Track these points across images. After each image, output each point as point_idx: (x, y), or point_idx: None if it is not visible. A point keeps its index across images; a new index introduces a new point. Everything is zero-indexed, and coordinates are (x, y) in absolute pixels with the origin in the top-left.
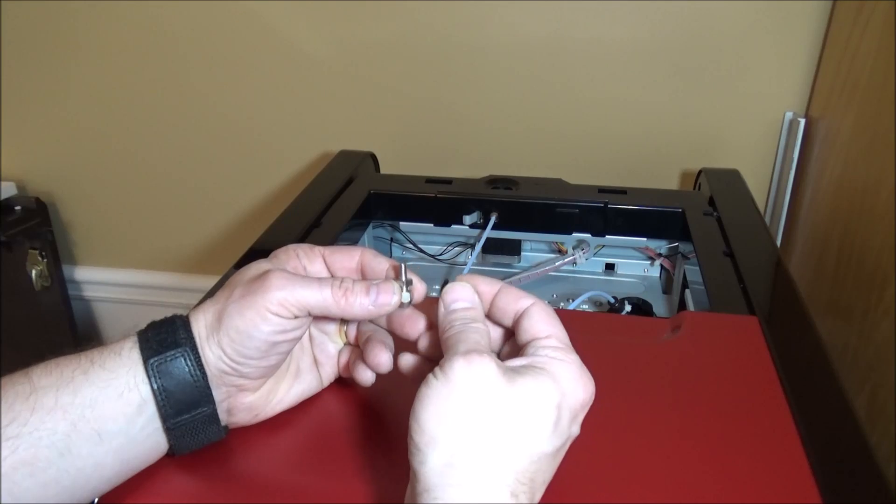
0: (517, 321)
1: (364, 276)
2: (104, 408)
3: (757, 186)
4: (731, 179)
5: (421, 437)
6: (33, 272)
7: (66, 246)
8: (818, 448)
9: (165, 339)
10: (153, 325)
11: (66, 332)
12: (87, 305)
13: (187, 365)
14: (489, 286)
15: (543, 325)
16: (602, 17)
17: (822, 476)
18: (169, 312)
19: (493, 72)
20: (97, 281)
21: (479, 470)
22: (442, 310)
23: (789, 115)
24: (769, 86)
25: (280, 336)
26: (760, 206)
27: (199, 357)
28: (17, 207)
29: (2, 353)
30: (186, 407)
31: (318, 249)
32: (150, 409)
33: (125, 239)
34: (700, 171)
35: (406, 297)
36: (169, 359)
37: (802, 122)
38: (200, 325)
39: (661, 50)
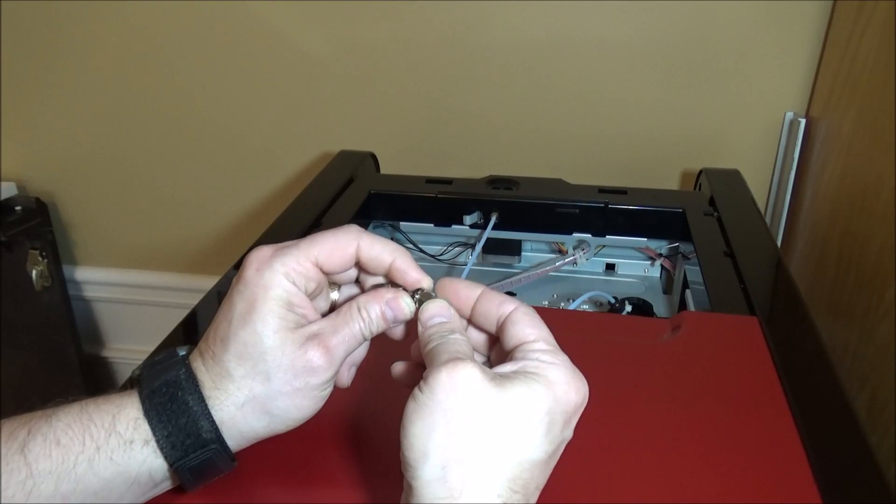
0: (501, 326)
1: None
2: (111, 494)
3: (757, 186)
4: (731, 179)
5: (411, 452)
6: (33, 272)
7: (66, 246)
8: (818, 448)
9: (187, 439)
10: (166, 414)
11: (66, 332)
12: (87, 305)
13: (218, 459)
14: (469, 291)
15: (530, 329)
16: (602, 17)
17: (822, 476)
18: (169, 312)
19: (493, 72)
20: (97, 281)
21: (470, 481)
22: (420, 328)
23: (790, 115)
24: (769, 86)
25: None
26: (761, 206)
27: (227, 447)
28: (18, 207)
29: (2, 353)
30: (207, 477)
31: (310, 260)
32: (167, 485)
33: (125, 239)
34: (700, 171)
35: (414, 307)
36: (200, 457)
37: (803, 122)
38: (236, 416)
39: (661, 50)
